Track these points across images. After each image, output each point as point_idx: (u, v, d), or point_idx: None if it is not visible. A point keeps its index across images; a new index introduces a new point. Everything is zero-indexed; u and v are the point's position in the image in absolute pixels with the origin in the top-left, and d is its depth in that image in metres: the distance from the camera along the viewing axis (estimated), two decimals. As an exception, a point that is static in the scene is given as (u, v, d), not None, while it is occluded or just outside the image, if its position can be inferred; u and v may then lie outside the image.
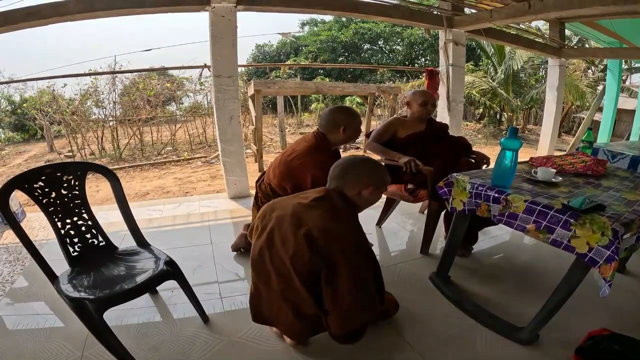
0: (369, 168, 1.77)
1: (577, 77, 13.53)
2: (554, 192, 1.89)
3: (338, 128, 2.39)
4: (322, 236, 1.53)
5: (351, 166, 1.76)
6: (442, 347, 1.89)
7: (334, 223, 1.59)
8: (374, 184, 1.74)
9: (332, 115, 2.43)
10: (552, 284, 1.84)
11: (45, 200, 1.90)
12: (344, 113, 2.44)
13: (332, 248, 1.53)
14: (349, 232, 1.63)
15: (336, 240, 1.55)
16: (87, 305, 1.61)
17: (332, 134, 2.41)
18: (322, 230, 1.55)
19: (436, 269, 2.46)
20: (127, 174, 8.13)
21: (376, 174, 1.77)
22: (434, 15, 4.99)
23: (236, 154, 4.14)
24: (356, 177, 1.73)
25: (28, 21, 3.28)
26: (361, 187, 1.72)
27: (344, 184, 1.73)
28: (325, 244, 1.53)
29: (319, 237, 1.53)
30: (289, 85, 8.07)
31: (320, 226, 1.56)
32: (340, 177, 1.74)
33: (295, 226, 1.59)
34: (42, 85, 10.40)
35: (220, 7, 3.61)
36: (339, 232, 1.58)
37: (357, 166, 1.76)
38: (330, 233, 1.55)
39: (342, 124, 2.38)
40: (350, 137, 2.46)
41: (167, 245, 2.90)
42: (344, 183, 1.73)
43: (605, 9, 3.56)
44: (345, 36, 21.28)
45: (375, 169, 1.79)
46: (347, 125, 2.39)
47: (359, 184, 1.72)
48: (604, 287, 1.49)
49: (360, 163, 1.78)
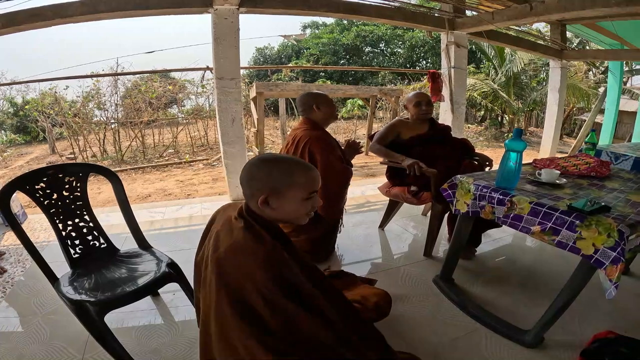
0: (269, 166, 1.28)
1: (578, 79, 13.52)
2: (558, 194, 1.88)
3: (311, 107, 2.62)
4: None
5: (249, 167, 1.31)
6: (446, 350, 1.88)
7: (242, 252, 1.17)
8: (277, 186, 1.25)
9: (302, 99, 2.66)
10: (556, 286, 1.83)
11: (46, 201, 1.89)
12: (310, 95, 2.68)
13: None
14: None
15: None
16: (88, 307, 1.60)
17: (312, 114, 2.64)
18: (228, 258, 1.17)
19: (440, 272, 2.45)
20: (128, 176, 8.13)
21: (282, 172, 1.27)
22: (436, 17, 4.98)
23: (238, 156, 4.14)
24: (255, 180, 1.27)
25: (31, 22, 3.29)
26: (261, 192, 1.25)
27: (249, 194, 1.29)
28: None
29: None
30: (291, 87, 8.08)
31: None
32: (244, 184, 1.30)
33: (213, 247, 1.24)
34: (44, 87, 10.46)
35: (223, 9, 3.62)
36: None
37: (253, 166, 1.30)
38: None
39: (312, 103, 2.62)
40: (327, 113, 2.65)
41: (169, 247, 2.90)
42: (249, 193, 1.29)
43: (607, 11, 3.55)
44: (347, 39, 21.30)
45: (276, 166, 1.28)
46: (318, 103, 2.62)
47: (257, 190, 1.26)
48: (610, 288, 1.48)
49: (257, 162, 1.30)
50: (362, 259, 2.83)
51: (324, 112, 2.63)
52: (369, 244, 3.03)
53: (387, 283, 2.45)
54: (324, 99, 2.66)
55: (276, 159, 1.31)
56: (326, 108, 2.63)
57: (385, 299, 1.92)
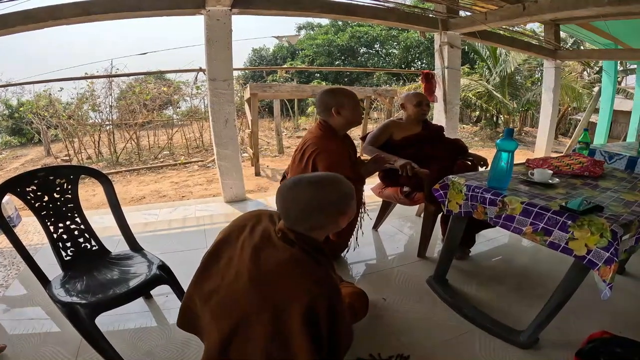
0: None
1: (572, 79, 13.58)
2: (551, 194, 1.88)
3: (330, 111, 2.28)
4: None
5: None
6: (440, 352, 1.87)
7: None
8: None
9: (321, 98, 2.32)
10: (551, 286, 1.83)
11: (37, 204, 1.88)
12: (331, 94, 2.32)
13: None
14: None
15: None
16: (78, 309, 1.59)
17: (329, 118, 2.31)
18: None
19: (434, 273, 2.44)
20: (123, 178, 8.10)
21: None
22: (429, 18, 4.99)
23: (232, 157, 4.12)
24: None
25: (25, 24, 3.27)
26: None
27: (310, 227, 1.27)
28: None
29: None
30: (285, 88, 8.08)
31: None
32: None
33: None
34: (39, 89, 10.42)
35: (216, 10, 3.61)
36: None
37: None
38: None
39: (332, 105, 2.27)
40: (349, 119, 2.31)
41: (163, 249, 2.88)
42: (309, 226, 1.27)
43: (600, 10, 3.56)
44: (342, 40, 21.35)
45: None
46: (339, 106, 2.27)
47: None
48: (604, 289, 1.46)
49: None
50: (356, 260, 2.82)
51: (344, 118, 2.29)
52: (362, 245, 3.03)
53: (380, 284, 2.45)
54: (348, 100, 2.29)
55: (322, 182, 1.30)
56: (348, 113, 2.28)
57: (360, 300, 1.81)
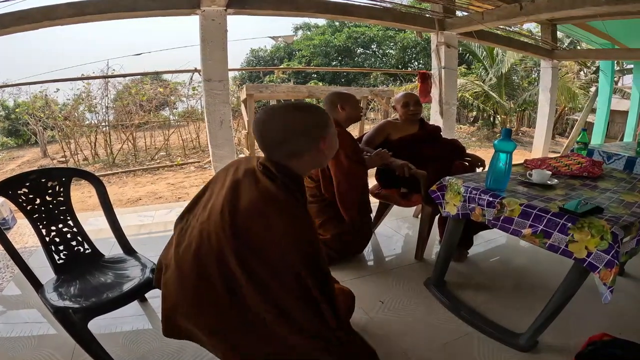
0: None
1: (569, 79, 13.60)
2: (550, 195, 1.86)
3: (336, 107, 2.60)
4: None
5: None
6: (437, 354, 1.85)
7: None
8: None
9: (329, 97, 2.67)
10: (551, 288, 1.81)
11: (29, 206, 1.85)
12: (338, 93, 2.70)
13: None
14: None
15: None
16: (70, 314, 1.56)
17: (335, 113, 2.59)
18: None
19: (431, 275, 2.42)
20: (120, 180, 8.07)
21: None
22: (426, 17, 4.97)
23: (227, 158, 4.09)
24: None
25: (19, 25, 3.23)
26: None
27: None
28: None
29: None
30: (281, 89, 8.06)
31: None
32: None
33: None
34: (35, 90, 10.37)
35: (211, 10, 3.58)
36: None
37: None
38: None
39: (337, 102, 2.60)
40: (351, 114, 2.63)
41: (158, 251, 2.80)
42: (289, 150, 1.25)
43: (597, 10, 3.55)
44: (339, 40, 21.33)
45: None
46: (343, 102, 2.61)
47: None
48: (605, 292, 1.44)
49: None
50: (353, 262, 2.78)
51: (347, 113, 2.62)
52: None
53: (377, 287, 2.43)
54: (351, 100, 2.66)
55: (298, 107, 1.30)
56: (350, 110, 2.62)
57: (346, 301, 1.64)
